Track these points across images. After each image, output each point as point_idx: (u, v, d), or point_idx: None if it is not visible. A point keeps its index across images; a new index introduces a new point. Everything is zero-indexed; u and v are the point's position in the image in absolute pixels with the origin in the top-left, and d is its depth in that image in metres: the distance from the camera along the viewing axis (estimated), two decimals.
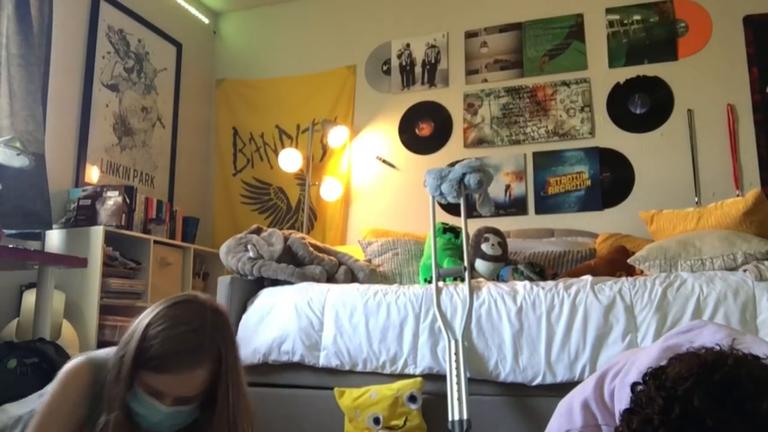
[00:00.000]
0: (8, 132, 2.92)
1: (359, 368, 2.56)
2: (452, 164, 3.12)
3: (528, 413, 2.34)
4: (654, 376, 0.90)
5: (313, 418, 2.56)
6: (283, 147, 4.36)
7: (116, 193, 3.27)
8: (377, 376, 2.53)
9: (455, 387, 2.21)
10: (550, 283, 2.46)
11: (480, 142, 3.96)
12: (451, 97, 4.09)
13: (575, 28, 3.89)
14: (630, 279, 2.40)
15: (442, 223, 3.12)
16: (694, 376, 0.85)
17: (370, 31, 4.35)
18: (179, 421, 1.33)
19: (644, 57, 3.73)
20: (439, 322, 2.44)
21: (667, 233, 2.75)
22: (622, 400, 1.06)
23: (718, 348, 0.91)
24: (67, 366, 1.38)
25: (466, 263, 2.56)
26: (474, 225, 3.20)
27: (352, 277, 3.16)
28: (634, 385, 0.93)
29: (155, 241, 3.42)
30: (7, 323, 2.87)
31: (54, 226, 3.19)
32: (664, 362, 0.94)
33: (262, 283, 2.95)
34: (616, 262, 2.83)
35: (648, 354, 1.09)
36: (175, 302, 1.35)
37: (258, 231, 3.13)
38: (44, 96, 3.24)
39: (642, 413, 0.88)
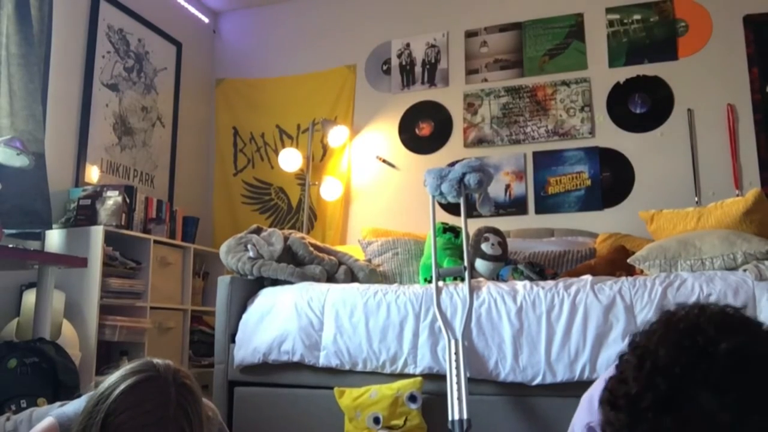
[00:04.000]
0: (8, 131, 2.91)
1: (359, 368, 2.56)
2: (452, 164, 3.12)
3: (528, 413, 2.35)
4: (632, 340, 0.94)
5: (313, 418, 2.57)
6: (283, 147, 4.36)
7: (116, 192, 3.27)
8: (377, 376, 2.53)
9: (455, 387, 2.21)
10: (550, 283, 2.46)
11: (480, 141, 3.96)
12: (451, 97, 4.09)
13: (575, 28, 3.89)
14: (630, 279, 2.40)
15: (442, 223, 3.12)
16: (661, 328, 0.89)
17: (370, 31, 4.35)
18: None
19: (644, 56, 3.72)
20: (439, 322, 2.44)
21: (667, 233, 2.75)
22: None
23: (693, 303, 0.94)
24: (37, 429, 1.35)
25: (466, 263, 2.56)
26: (474, 225, 3.20)
27: (352, 276, 3.16)
28: (620, 356, 0.95)
29: (155, 241, 3.42)
30: (7, 323, 2.86)
31: (54, 225, 3.19)
32: None
33: (262, 282, 2.95)
34: (616, 262, 2.83)
35: None
36: (135, 382, 1.22)
37: (258, 231, 3.13)
38: (44, 95, 3.23)
39: (620, 376, 0.90)
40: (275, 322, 2.70)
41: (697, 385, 0.81)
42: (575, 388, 2.29)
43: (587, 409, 1.17)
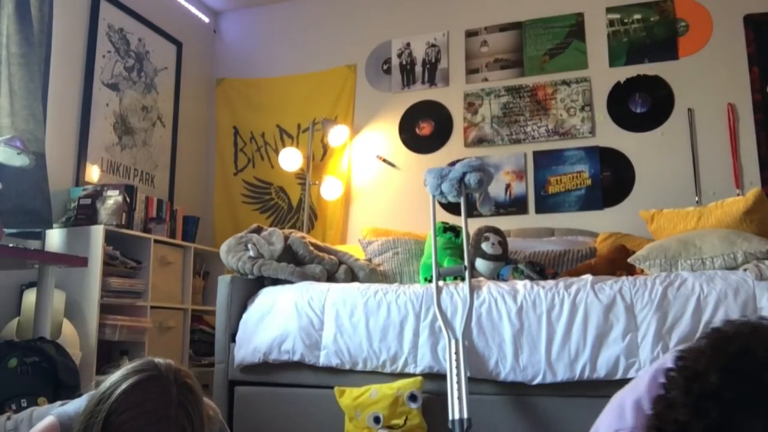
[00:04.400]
0: (8, 131, 2.91)
1: (359, 367, 2.56)
2: (452, 163, 3.12)
3: (528, 412, 2.35)
4: (679, 357, 0.90)
5: (313, 418, 2.57)
6: (283, 146, 4.36)
7: (116, 192, 3.27)
8: (377, 375, 2.53)
9: (455, 386, 2.22)
10: (550, 283, 2.46)
11: (480, 141, 3.96)
12: (451, 96, 4.09)
13: (575, 27, 3.89)
14: (630, 278, 2.40)
15: (443, 223, 3.12)
16: (711, 350, 0.85)
17: (371, 30, 4.35)
18: None
19: (645, 56, 3.72)
20: (440, 322, 2.44)
21: (668, 232, 2.75)
22: None
23: (744, 319, 0.90)
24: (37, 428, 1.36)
25: (466, 262, 2.56)
26: (474, 224, 3.20)
27: (352, 276, 3.16)
28: (667, 371, 0.91)
29: (155, 240, 3.42)
30: (7, 322, 2.87)
31: (54, 225, 3.19)
32: None
33: (262, 282, 2.95)
34: (617, 262, 2.83)
35: None
36: (136, 381, 1.23)
37: (258, 230, 3.13)
38: (44, 95, 3.23)
39: (667, 397, 0.87)
40: (275, 321, 2.70)
41: (748, 413, 0.78)
42: (575, 387, 2.30)
43: (617, 414, 1.12)
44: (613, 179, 3.67)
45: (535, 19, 3.97)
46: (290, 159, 4.09)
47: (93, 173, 3.57)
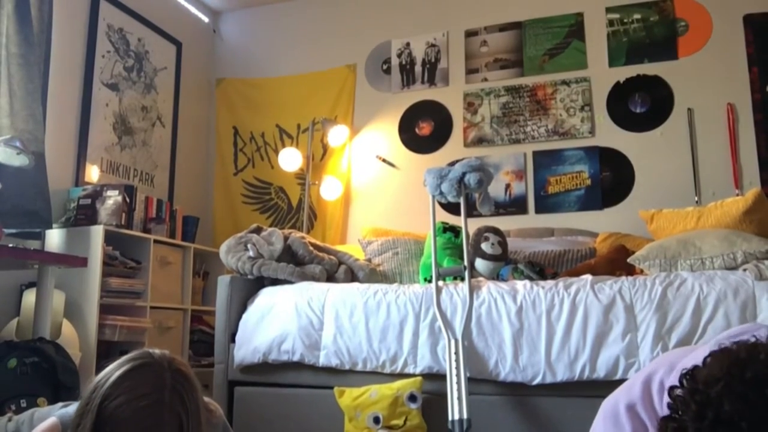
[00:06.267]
0: (8, 131, 2.91)
1: (359, 367, 2.56)
2: (452, 163, 3.12)
3: (528, 413, 2.35)
4: (688, 378, 0.88)
5: (313, 418, 2.57)
6: (283, 146, 4.36)
7: (116, 192, 3.27)
8: (377, 376, 2.53)
9: (455, 386, 2.22)
10: (550, 283, 2.46)
11: (480, 141, 3.96)
12: (451, 96, 4.09)
13: (575, 27, 3.89)
14: (630, 278, 2.41)
15: (442, 223, 3.12)
16: (726, 377, 0.83)
17: (370, 30, 4.35)
18: None
19: (644, 56, 3.72)
20: (439, 322, 2.44)
21: (667, 232, 2.75)
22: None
23: (753, 340, 0.88)
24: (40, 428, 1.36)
25: (466, 262, 2.56)
26: (474, 224, 3.20)
27: (352, 276, 3.16)
28: (671, 389, 0.90)
29: (155, 241, 3.42)
30: (7, 323, 2.86)
31: (54, 225, 3.19)
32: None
33: (262, 282, 2.95)
34: (616, 262, 2.83)
35: (696, 357, 1.02)
36: (130, 368, 1.24)
37: (258, 230, 3.13)
38: (44, 95, 3.23)
39: (677, 420, 0.85)
40: (275, 321, 2.70)
41: None
42: (575, 387, 2.30)
43: (613, 421, 1.10)
44: (612, 179, 3.67)
45: (534, 19, 3.97)
46: (290, 159, 4.09)
47: (93, 173, 3.57)
